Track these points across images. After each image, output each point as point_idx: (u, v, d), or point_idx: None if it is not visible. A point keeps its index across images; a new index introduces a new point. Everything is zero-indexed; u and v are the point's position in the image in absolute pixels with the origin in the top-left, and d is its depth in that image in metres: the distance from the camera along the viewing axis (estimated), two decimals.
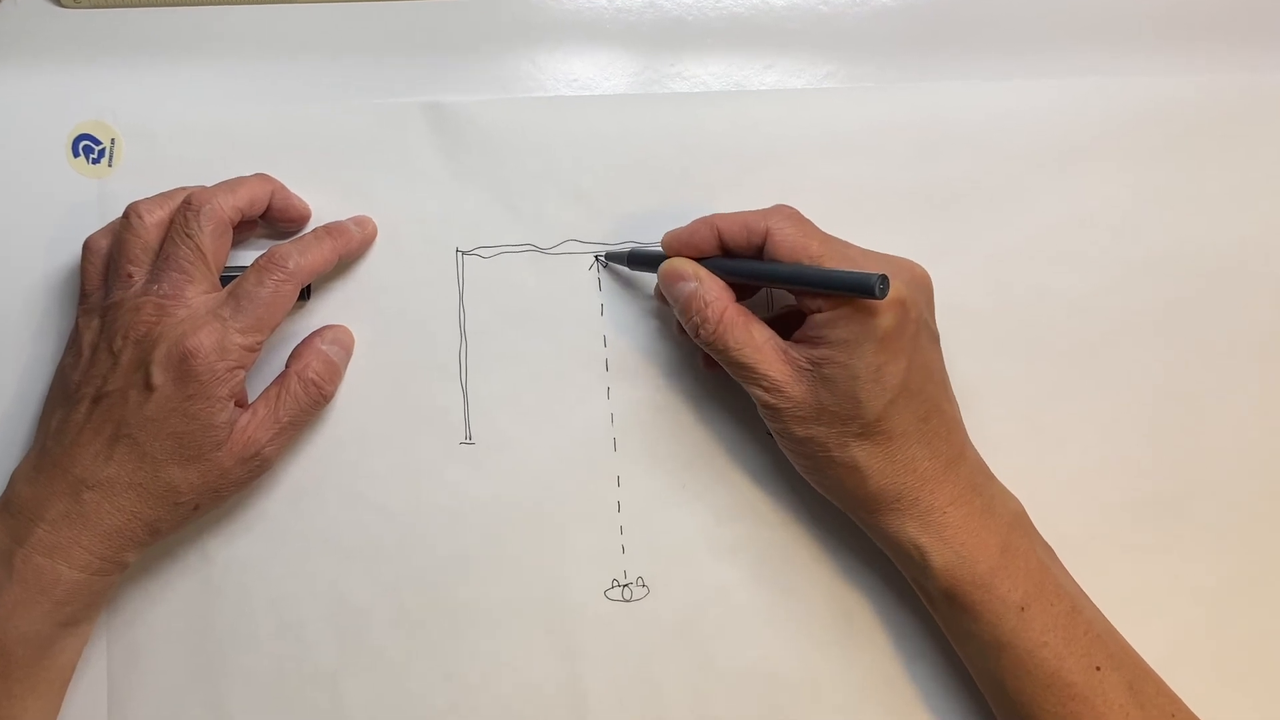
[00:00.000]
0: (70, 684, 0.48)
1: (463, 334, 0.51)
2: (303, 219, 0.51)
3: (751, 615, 0.51)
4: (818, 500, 0.50)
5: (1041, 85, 0.52)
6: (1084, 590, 0.47)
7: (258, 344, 0.46)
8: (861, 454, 0.45)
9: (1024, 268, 0.52)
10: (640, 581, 0.51)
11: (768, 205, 0.47)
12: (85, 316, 0.47)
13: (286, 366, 0.49)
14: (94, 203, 0.51)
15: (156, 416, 0.44)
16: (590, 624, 0.51)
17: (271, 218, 0.50)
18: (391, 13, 0.52)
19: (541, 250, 0.52)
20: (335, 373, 0.50)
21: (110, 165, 0.51)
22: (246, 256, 0.49)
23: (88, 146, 0.51)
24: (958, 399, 0.49)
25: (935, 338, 0.47)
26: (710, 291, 0.46)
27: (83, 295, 0.48)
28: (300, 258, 0.47)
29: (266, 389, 0.48)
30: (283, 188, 0.50)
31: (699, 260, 0.47)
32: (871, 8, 0.53)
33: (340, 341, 0.51)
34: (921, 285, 0.46)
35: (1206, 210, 0.52)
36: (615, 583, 0.51)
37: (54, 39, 0.52)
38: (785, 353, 0.45)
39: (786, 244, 0.44)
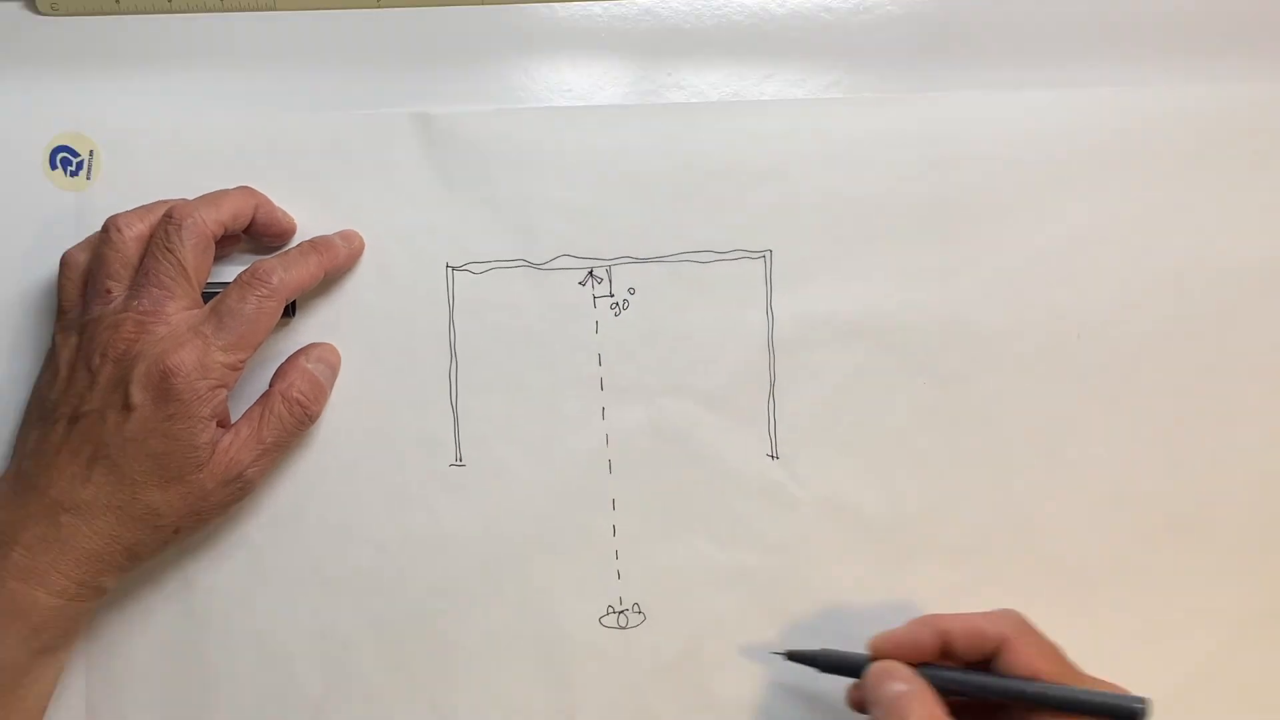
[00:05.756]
0: (47, 713, 0.48)
1: (453, 353, 0.52)
2: (288, 233, 0.51)
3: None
4: (820, 527, 0.51)
5: (1054, 95, 0.52)
6: None
7: (240, 362, 0.46)
8: None
9: (1037, 286, 0.52)
10: (636, 609, 0.52)
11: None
12: (63, 333, 0.47)
13: (270, 385, 0.50)
14: (72, 216, 0.51)
15: (136, 437, 0.45)
16: (584, 653, 0.51)
17: (255, 232, 0.50)
18: (380, 21, 0.53)
19: (534, 266, 0.52)
20: (321, 392, 0.50)
21: (89, 178, 0.51)
22: (229, 272, 0.49)
23: (65, 158, 0.51)
24: (967, 420, 0.50)
25: None
26: (921, 696, 0.43)
27: (60, 311, 0.48)
28: (285, 273, 0.47)
29: (249, 409, 0.49)
30: (267, 201, 0.50)
31: (917, 667, 0.45)
32: (876, 15, 0.53)
33: (326, 360, 0.51)
34: None
35: (1228, 226, 0.52)
36: (610, 610, 0.52)
37: (31, 47, 0.52)
38: None
39: (1026, 659, 0.43)
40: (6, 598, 0.44)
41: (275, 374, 0.50)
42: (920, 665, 0.45)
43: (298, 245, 0.50)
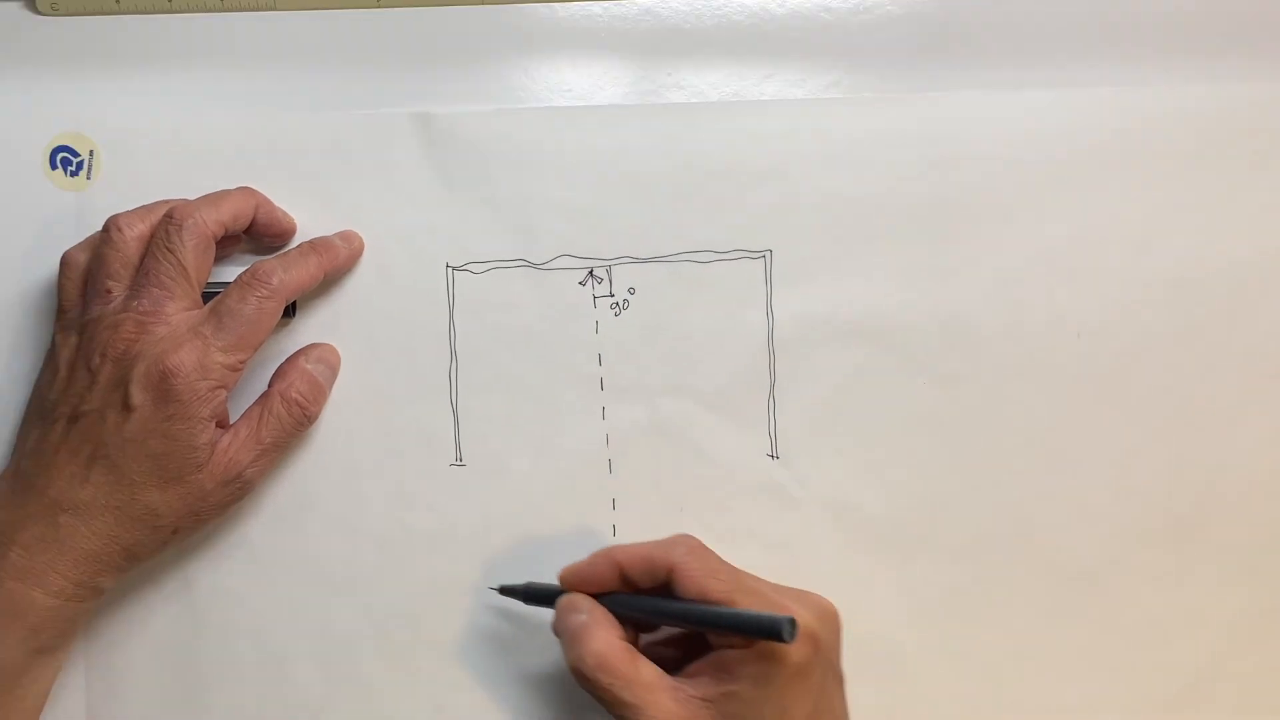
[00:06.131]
0: (46, 713, 0.48)
1: (453, 352, 0.52)
2: (288, 234, 0.51)
3: None
4: (820, 526, 0.52)
5: (1054, 95, 0.52)
6: None
7: (240, 363, 0.47)
8: None
9: (1037, 286, 0.52)
10: None
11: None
12: (63, 333, 0.48)
13: (270, 386, 0.50)
14: (72, 216, 0.51)
15: (135, 437, 0.45)
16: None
17: (256, 232, 0.51)
18: (380, 21, 0.53)
19: (534, 266, 0.52)
20: (320, 392, 0.51)
21: (89, 178, 0.52)
22: (229, 272, 0.50)
23: (65, 158, 0.51)
24: (967, 420, 0.51)
25: (840, 680, 0.46)
26: (597, 625, 0.45)
27: (60, 311, 0.48)
28: (285, 274, 0.48)
29: (249, 409, 0.49)
30: (267, 201, 0.51)
31: (599, 596, 0.46)
32: (876, 15, 0.54)
33: (326, 360, 0.51)
34: (831, 622, 0.45)
35: (1227, 226, 0.53)
36: None
37: (31, 47, 0.53)
38: (677, 690, 0.43)
39: (693, 582, 0.44)
40: (4, 598, 0.44)
41: (275, 374, 0.51)
42: (607, 594, 0.46)
43: (298, 246, 0.50)
